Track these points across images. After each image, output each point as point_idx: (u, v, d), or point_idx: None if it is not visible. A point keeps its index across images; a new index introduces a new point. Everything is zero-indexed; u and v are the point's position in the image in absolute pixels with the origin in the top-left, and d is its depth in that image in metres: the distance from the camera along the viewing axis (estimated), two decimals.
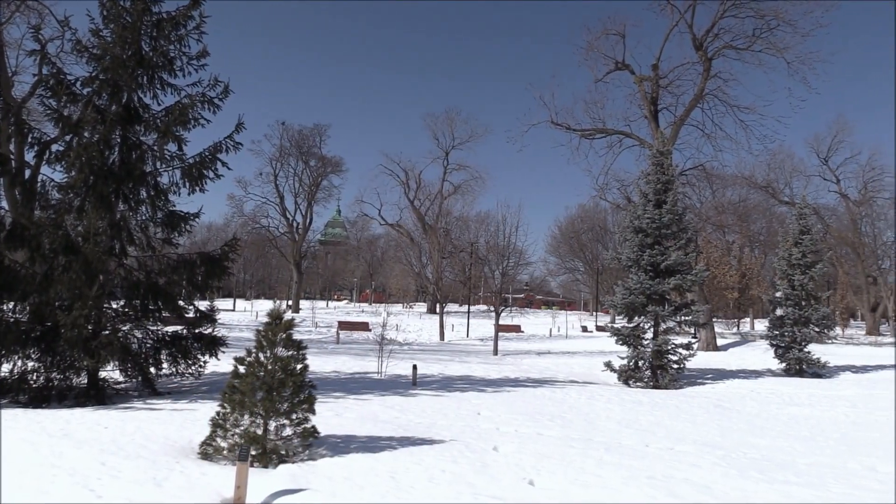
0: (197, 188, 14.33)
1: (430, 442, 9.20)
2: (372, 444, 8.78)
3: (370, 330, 40.93)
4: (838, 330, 59.16)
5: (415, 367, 17.44)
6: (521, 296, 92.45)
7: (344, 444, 8.69)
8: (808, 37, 38.05)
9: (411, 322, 52.40)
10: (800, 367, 23.71)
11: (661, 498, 6.85)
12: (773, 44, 34.51)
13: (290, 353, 7.84)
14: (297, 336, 8.15)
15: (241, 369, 7.69)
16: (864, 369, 25.88)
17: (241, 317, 52.51)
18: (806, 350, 23.86)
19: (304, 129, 70.28)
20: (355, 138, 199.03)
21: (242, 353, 7.82)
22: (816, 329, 24.58)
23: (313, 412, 7.95)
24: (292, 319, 8.12)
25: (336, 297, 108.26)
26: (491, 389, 16.24)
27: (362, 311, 66.57)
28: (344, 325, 42.89)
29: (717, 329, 43.22)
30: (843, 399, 17.48)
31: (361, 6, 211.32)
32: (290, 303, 67.56)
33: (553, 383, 18.47)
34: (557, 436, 10.35)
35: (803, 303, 24.47)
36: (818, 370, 23.75)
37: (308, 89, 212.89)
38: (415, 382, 16.66)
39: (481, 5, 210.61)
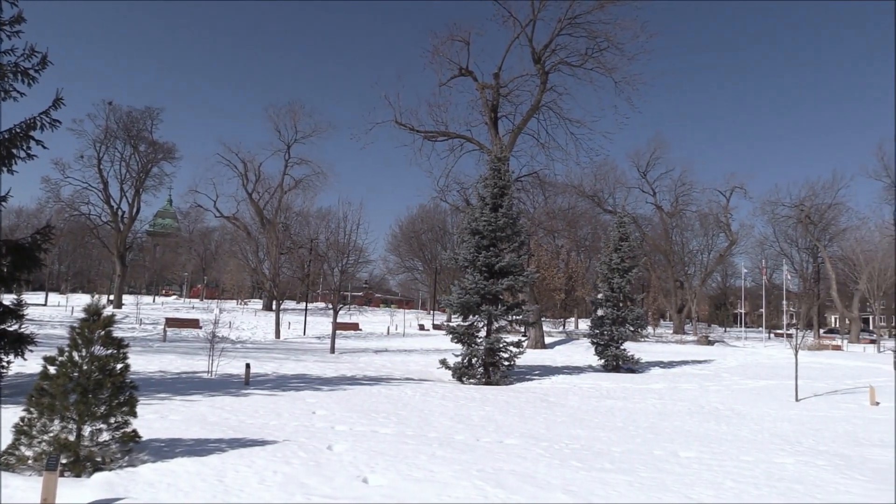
0: (5, 168, 12.90)
1: (262, 443, 8.95)
2: (199, 448, 8.38)
3: (201, 327, 38.98)
4: (650, 329, 64.78)
5: (248, 365, 16.87)
6: (360, 294, 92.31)
7: (168, 449, 8.22)
8: (634, 60, 41.44)
9: (246, 319, 50.59)
10: (617, 363, 25.65)
11: (489, 489, 7.15)
12: (603, 63, 37.15)
13: (109, 351, 7.28)
14: (118, 333, 7.60)
15: (52, 370, 7.03)
16: (670, 365, 28.48)
17: (54, 312, 47.93)
18: (622, 347, 25.88)
19: (133, 110, 65.13)
20: (191, 125, 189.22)
21: (54, 353, 7.16)
22: (631, 328, 26.72)
23: (135, 415, 7.45)
24: (113, 315, 7.56)
25: (164, 292, 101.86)
26: (327, 388, 16.08)
27: (193, 308, 63.21)
28: (172, 322, 40.47)
29: (545, 328, 45.67)
30: (653, 392, 19.19)
31: None
32: (112, 298, 62.67)
33: (389, 381, 18.64)
34: (392, 433, 10.46)
35: (621, 304, 26.49)
36: (632, 366, 25.84)
37: (140, 69, 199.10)
38: (247, 382, 16.12)
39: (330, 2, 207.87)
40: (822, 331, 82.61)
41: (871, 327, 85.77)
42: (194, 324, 40.75)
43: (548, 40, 37.63)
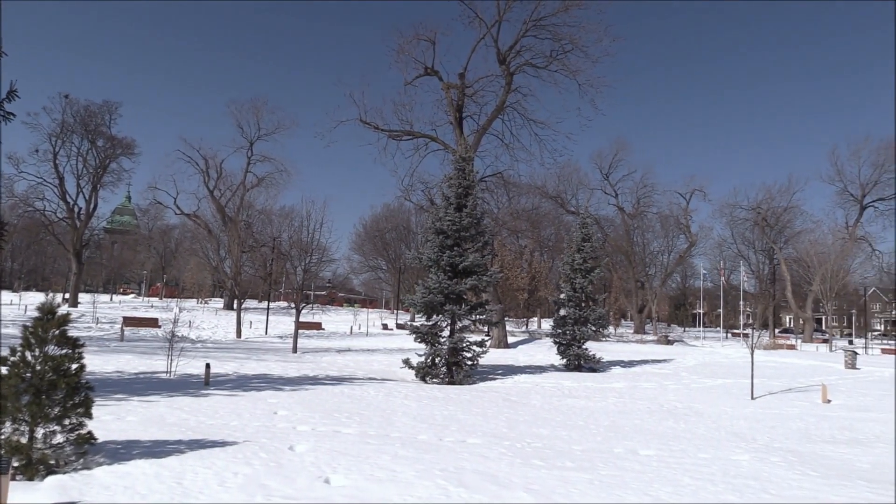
0: None
1: (223, 444, 8.83)
2: (157, 449, 8.23)
3: (160, 326, 38.22)
4: (611, 329, 65.68)
5: (208, 365, 16.62)
6: (323, 293, 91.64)
7: (125, 451, 8.06)
8: (598, 63, 41.90)
9: (206, 318, 49.84)
10: (578, 362, 25.93)
11: (451, 488, 7.16)
12: (567, 66, 37.54)
13: (64, 351, 7.10)
14: (73, 333, 7.42)
15: (3, 370, 6.84)
16: (631, 364, 28.89)
17: (6, 311, 46.51)
18: (584, 347, 26.17)
19: (91, 104, 63.50)
20: (151, 120, 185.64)
21: (6, 352, 6.96)
22: (593, 328, 27.04)
23: (90, 416, 7.27)
24: (68, 314, 7.37)
25: (122, 290, 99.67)
26: (289, 388, 15.94)
27: (152, 307, 62.00)
28: (130, 322, 39.60)
29: (508, 327, 45.95)
30: (614, 391, 19.44)
31: None
32: (67, 296, 61.11)
33: (352, 381, 18.55)
34: (355, 433, 10.42)
35: (583, 304, 26.79)
36: (594, 365, 26.14)
37: (99, 63, 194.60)
38: (207, 382, 15.88)
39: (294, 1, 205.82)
40: (777, 331, 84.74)
41: (823, 327, 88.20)
42: (153, 323, 39.97)
43: (513, 41, 37.92)
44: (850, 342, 62.55)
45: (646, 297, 74.27)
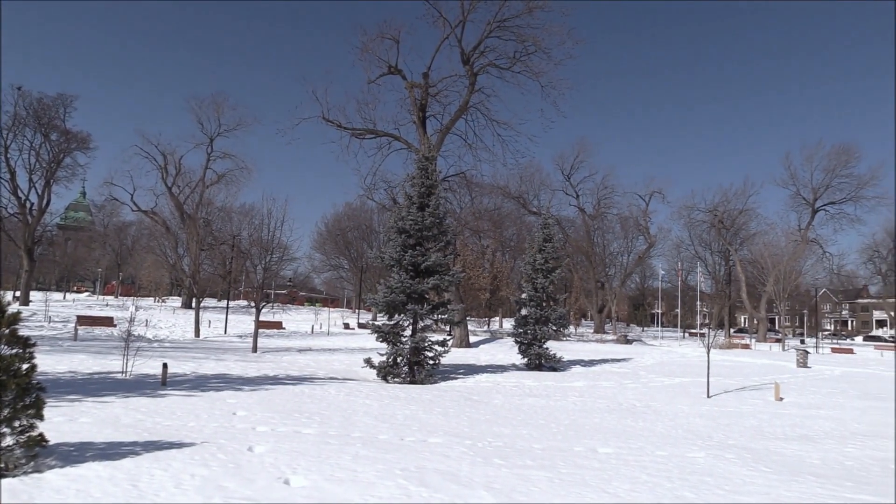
0: None
1: (179, 445, 8.68)
2: (112, 451, 8.05)
3: (115, 325, 37.41)
4: (572, 328, 66.36)
5: (165, 365, 16.31)
6: (284, 292, 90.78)
7: (78, 453, 7.86)
8: (560, 65, 42.33)
9: (163, 317, 48.93)
10: (539, 361, 26.14)
11: (412, 488, 7.16)
12: (531, 67, 37.83)
13: (14, 351, 6.89)
14: (24, 332, 7.21)
15: None
16: (591, 363, 29.24)
17: None
18: (545, 346, 26.39)
19: (45, 97, 61.87)
20: (107, 114, 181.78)
21: None
22: (554, 327, 27.29)
23: (41, 418, 7.07)
24: (18, 312, 7.16)
25: (76, 288, 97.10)
26: (248, 388, 15.73)
27: (107, 305, 60.64)
28: (84, 320, 38.64)
29: (470, 327, 46.09)
30: (574, 390, 19.65)
31: None
32: (19, 294, 59.37)
33: (313, 380, 18.39)
34: (315, 433, 10.34)
35: (544, 304, 27.01)
36: (554, 364, 26.38)
37: (53, 54, 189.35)
38: (164, 382, 15.58)
39: None
40: (732, 330, 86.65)
41: (777, 327, 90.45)
42: (108, 322, 39.08)
43: (477, 42, 38.03)
44: (802, 342, 64.35)
45: (605, 297, 75.27)
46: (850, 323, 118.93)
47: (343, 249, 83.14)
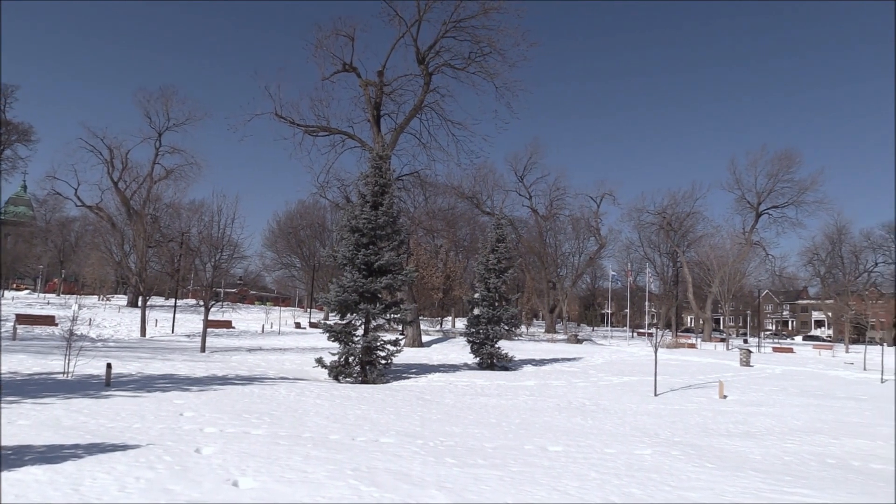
0: None
1: (124, 448, 8.46)
2: (52, 455, 7.80)
3: (57, 324, 36.19)
4: (524, 328, 66.97)
5: (109, 365, 15.87)
6: (234, 290, 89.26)
7: (16, 457, 7.59)
8: (515, 67, 42.67)
9: (108, 316, 47.54)
10: (491, 361, 26.31)
11: (363, 488, 7.13)
12: (486, 68, 38.05)
13: None
14: None
15: None
16: (542, 363, 29.57)
17: None
18: (497, 346, 26.57)
19: None
20: (51, 107, 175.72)
21: None
22: (506, 327, 27.51)
23: None
24: None
25: (15, 286, 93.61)
26: (196, 388, 15.43)
27: (48, 303, 58.58)
28: (24, 319, 37.27)
29: (422, 326, 46.12)
30: (525, 389, 19.84)
31: None
32: None
33: (263, 381, 18.14)
34: (265, 434, 10.20)
35: (496, 303, 27.19)
36: (506, 364, 26.59)
37: None
38: (108, 383, 15.17)
39: None
40: (679, 330, 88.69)
41: (721, 327, 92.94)
42: (49, 321, 37.80)
43: (432, 42, 38.06)
44: (745, 341, 66.33)
45: (557, 297, 76.14)
46: (790, 323, 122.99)
47: (295, 248, 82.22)
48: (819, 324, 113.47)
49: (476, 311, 27.50)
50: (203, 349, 28.34)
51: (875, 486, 8.78)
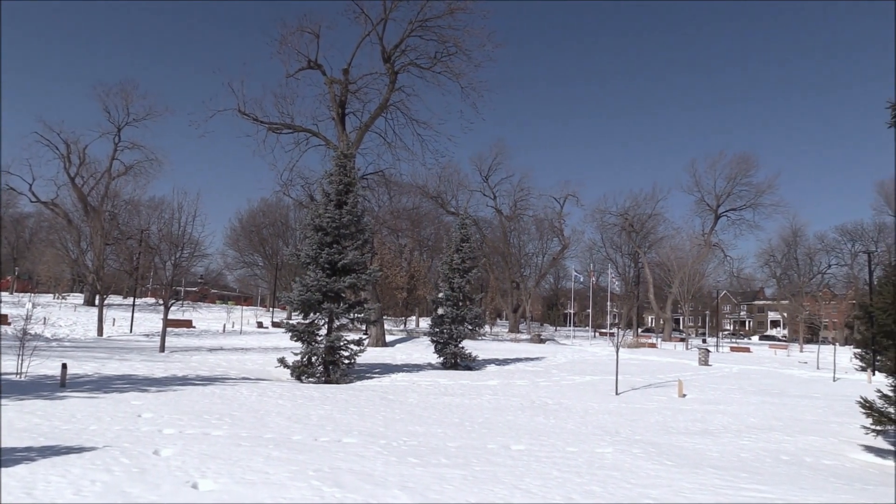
0: None
1: (79, 450, 8.27)
2: (3, 458, 7.58)
3: (10, 323, 35.19)
4: (487, 328, 67.25)
5: (64, 365, 15.50)
6: (195, 289, 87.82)
7: None
8: (480, 67, 42.78)
9: (64, 315, 46.39)
10: (455, 360, 26.36)
11: (325, 489, 7.09)
12: (451, 68, 38.07)
13: None
14: None
15: None
16: (505, 362, 29.72)
17: None
18: (461, 345, 26.63)
19: None
20: (4, 98, 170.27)
21: None
22: (470, 327, 27.58)
23: None
24: None
25: None
26: (155, 389, 15.15)
27: (1, 302, 57.00)
28: None
29: (386, 326, 45.99)
30: (488, 388, 19.93)
31: None
32: None
33: (224, 381, 17.90)
34: (226, 435, 10.07)
35: (460, 303, 27.24)
36: (470, 363, 26.67)
37: None
38: (64, 384, 14.81)
39: None
40: (640, 330, 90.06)
41: (681, 327, 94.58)
42: (2, 320, 36.77)
43: (398, 41, 37.94)
44: (704, 341, 67.58)
45: (520, 297, 76.63)
46: (747, 323, 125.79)
47: (258, 246, 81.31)
48: (775, 324, 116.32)
49: (440, 311, 27.51)
50: (162, 349, 27.83)
51: (826, 482, 9.04)
